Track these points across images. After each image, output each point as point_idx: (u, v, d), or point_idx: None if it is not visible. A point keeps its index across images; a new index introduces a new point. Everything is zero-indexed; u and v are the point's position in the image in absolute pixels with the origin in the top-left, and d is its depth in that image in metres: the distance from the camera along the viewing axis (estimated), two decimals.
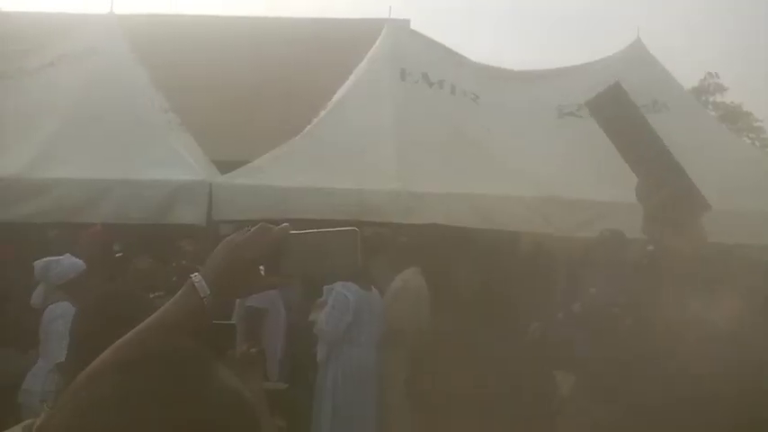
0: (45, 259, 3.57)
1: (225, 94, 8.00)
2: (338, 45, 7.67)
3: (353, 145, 4.66)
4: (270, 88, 8.20)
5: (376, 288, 4.16)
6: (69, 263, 3.58)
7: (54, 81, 4.92)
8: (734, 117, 23.03)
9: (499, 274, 4.04)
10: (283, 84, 8.15)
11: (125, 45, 5.25)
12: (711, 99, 24.63)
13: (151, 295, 2.94)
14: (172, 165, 4.46)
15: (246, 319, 3.94)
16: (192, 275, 0.97)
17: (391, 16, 5.81)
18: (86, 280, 3.50)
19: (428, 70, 5.20)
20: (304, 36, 9.00)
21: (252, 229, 1.01)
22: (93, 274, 3.65)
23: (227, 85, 8.13)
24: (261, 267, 1.00)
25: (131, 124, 4.67)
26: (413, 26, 6.75)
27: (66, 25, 5.73)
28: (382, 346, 4.10)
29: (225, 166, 4.85)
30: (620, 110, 1.55)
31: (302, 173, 4.47)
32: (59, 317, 3.26)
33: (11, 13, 9.93)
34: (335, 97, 5.24)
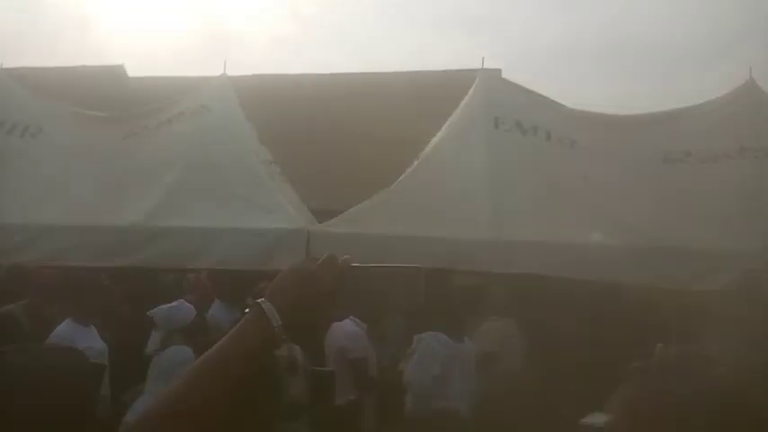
0: (164, 306, 3.65)
1: (323, 146, 8.38)
2: (431, 96, 7.82)
3: (447, 194, 4.67)
4: (365, 140, 8.48)
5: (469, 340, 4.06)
6: (188, 308, 3.68)
7: (171, 137, 5.37)
8: None
9: (600, 327, 3.82)
10: (378, 135, 8.41)
11: (235, 103, 5.65)
12: None
13: None
14: (273, 213, 4.67)
15: (352, 371, 3.97)
16: (260, 300, 0.94)
17: (483, 66, 5.86)
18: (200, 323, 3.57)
19: (521, 117, 5.15)
20: (398, 89, 9.29)
21: (321, 260, 0.99)
22: None
23: (324, 138, 8.52)
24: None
25: (238, 175, 4.98)
26: (504, 75, 6.76)
27: (185, 86, 6.27)
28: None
29: (322, 215, 5.02)
30: None
31: (396, 221, 4.51)
32: (184, 362, 3.26)
33: (139, 78, 11.09)
34: (429, 147, 5.31)
